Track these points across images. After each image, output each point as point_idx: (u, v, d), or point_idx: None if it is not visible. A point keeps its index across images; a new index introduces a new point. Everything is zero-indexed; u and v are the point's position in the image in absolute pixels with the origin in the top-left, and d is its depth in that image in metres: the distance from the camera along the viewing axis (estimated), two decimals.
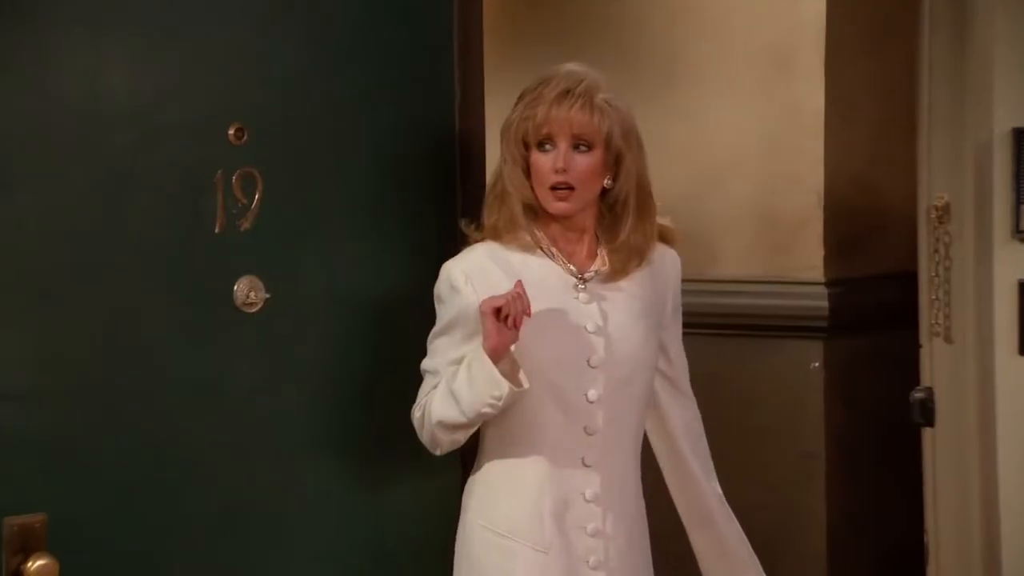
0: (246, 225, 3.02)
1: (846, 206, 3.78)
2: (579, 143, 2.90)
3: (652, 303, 3.01)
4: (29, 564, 2.69)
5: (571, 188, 2.89)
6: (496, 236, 2.96)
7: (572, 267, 2.96)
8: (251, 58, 3.06)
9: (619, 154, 2.92)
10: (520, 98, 2.95)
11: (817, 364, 3.70)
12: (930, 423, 3.40)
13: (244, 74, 3.05)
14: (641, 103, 3.77)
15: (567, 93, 2.90)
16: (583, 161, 2.90)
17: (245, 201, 3.03)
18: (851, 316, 3.76)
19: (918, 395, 3.39)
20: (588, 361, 2.91)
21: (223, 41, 3.03)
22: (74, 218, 2.84)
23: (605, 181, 2.94)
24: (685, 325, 3.68)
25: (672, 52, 3.83)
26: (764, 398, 3.76)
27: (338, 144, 3.19)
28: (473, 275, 2.93)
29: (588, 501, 2.93)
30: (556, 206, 2.91)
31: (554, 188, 2.90)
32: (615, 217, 2.97)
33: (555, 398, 2.90)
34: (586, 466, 2.93)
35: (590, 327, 2.92)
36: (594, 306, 2.95)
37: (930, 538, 3.41)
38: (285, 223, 3.10)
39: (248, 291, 3.05)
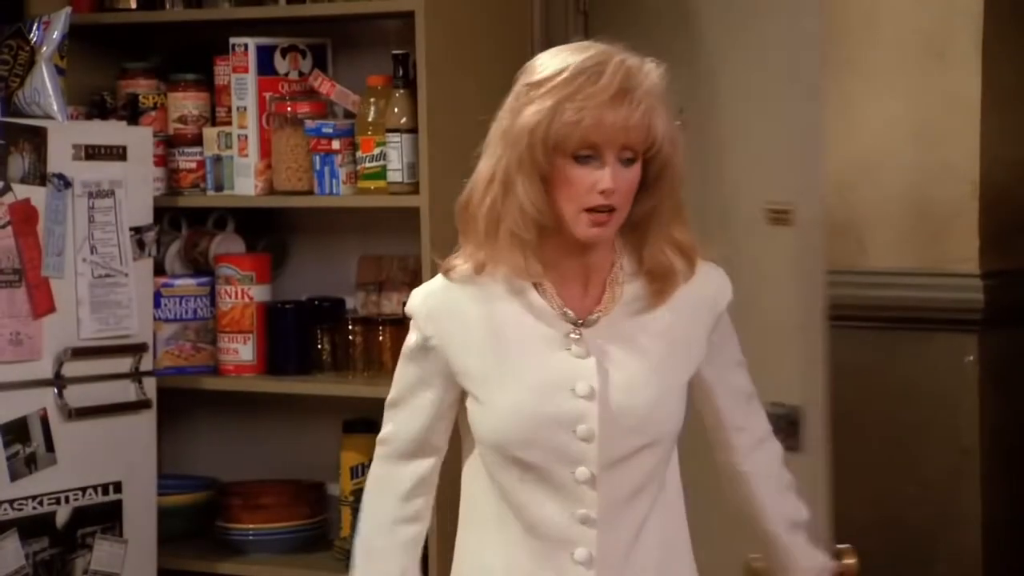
0: None
1: (1002, 196, 3.69)
2: (626, 155, 2.28)
3: (680, 342, 2.36)
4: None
5: (612, 210, 2.28)
6: (479, 269, 2.34)
7: (568, 310, 2.33)
8: None
9: (667, 162, 2.31)
10: (534, 85, 2.30)
11: (971, 358, 3.62)
12: None
13: None
14: None
15: (624, 94, 2.25)
16: (629, 177, 2.28)
17: None
18: (1007, 309, 3.67)
19: None
20: (574, 432, 2.29)
21: None
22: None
23: None
24: (835, 318, 3.61)
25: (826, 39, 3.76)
26: (916, 392, 3.70)
27: None
28: (441, 313, 2.36)
29: None
30: (591, 232, 2.28)
31: (592, 210, 2.28)
32: (638, 234, 2.35)
33: (532, 475, 2.32)
34: (581, 565, 2.31)
35: (580, 389, 2.30)
36: (590, 362, 2.31)
37: None
38: None
39: None
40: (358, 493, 3.75)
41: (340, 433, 3.84)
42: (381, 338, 3.74)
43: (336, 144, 3.73)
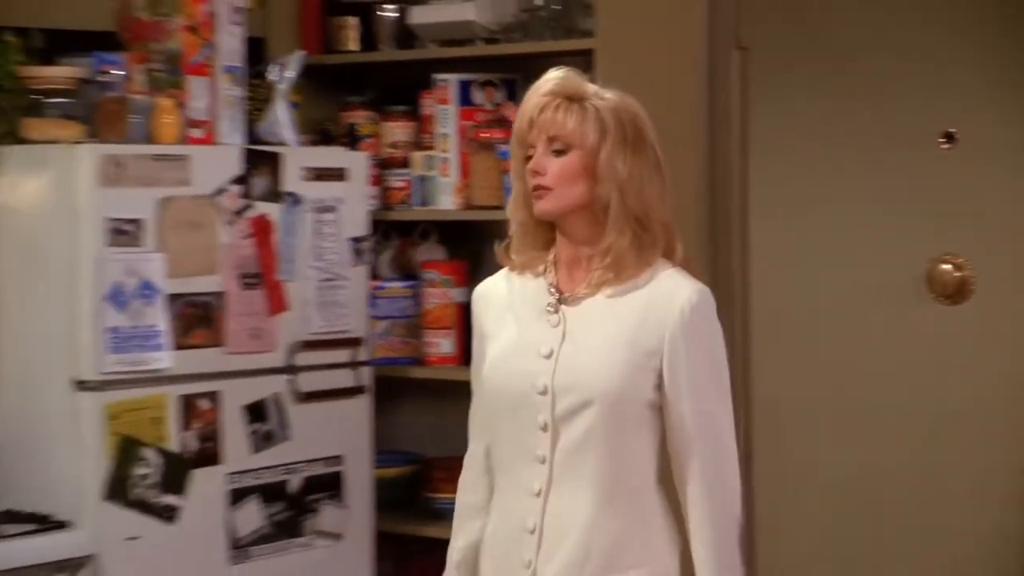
0: None
1: None
2: (554, 146, 2.70)
3: (641, 332, 2.69)
4: None
5: (546, 189, 2.70)
6: (503, 258, 2.82)
7: (554, 288, 2.75)
8: None
9: (594, 153, 2.70)
10: None
11: None
12: None
13: None
14: None
15: (545, 94, 2.72)
16: (556, 163, 2.69)
17: None
18: None
19: None
20: (534, 386, 2.70)
21: None
22: None
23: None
24: None
25: None
26: None
27: None
28: (482, 296, 2.84)
29: (529, 532, 2.71)
30: (535, 205, 2.72)
31: (534, 189, 2.72)
32: (600, 224, 2.73)
33: (509, 423, 2.74)
34: (534, 496, 2.71)
35: (543, 350, 2.71)
36: (558, 329, 2.72)
37: None
38: None
39: None
40: None
41: None
42: None
43: None
